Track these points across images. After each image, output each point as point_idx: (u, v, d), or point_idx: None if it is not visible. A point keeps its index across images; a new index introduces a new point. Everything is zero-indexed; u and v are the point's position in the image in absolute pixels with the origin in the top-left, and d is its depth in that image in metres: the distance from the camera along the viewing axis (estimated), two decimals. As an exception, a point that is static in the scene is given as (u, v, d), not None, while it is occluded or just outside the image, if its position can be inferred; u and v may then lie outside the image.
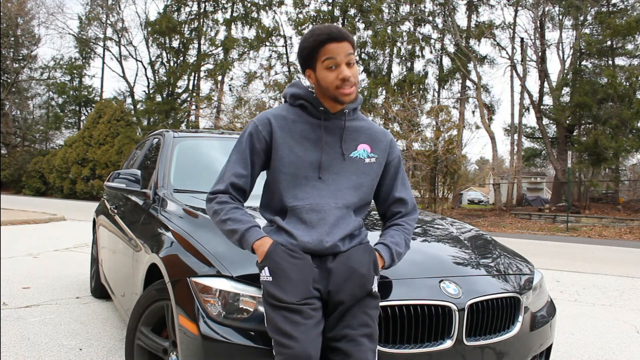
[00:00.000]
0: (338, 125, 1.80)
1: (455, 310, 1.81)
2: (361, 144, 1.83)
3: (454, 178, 19.66)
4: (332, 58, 1.68)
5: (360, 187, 1.81)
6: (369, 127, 1.88)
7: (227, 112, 26.10)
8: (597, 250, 10.78)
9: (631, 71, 21.11)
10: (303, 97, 1.80)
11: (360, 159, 1.81)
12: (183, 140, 3.35)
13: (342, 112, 1.80)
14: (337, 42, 1.68)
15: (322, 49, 1.69)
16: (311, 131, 1.78)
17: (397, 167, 1.93)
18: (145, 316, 2.14)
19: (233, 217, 1.73)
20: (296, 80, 1.93)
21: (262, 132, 1.77)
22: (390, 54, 28.21)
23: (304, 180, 1.75)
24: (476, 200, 44.60)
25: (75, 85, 38.37)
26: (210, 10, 33.25)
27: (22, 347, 3.05)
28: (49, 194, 32.11)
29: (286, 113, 1.81)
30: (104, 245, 3.94)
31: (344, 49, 1.68)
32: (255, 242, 1.67)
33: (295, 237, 1.69)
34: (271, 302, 1.58)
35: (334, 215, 1.73)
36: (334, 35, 1.68)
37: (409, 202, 1.94)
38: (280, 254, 1.63)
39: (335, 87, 1.70)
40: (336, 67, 1.69)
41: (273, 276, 1.60)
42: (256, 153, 1.78)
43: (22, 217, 11.51)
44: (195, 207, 2.48)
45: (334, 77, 1.69)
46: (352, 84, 1.70)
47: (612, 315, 4.58)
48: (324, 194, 1.75)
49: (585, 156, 23.38)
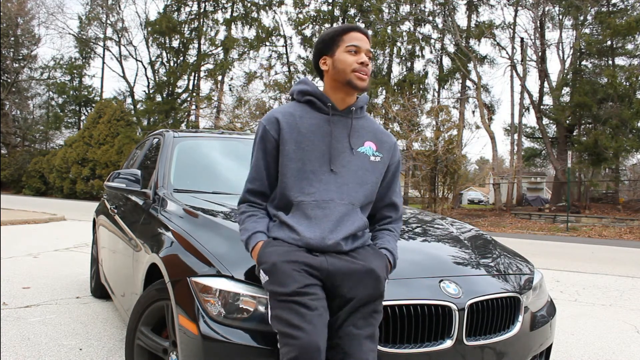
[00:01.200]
0: (345, 122, 1.83)
1: (455, 310, 1.81)
2: (367, 142, 1.86)
3: (454, 178, 19.67)
4: (355, 44, 1.77)
5: (365, 184, 1.82)
6: (375, 128, 1.91)
7: (227, 112, 26.11)
8: (597, 250, 10.78)
9: (631, 71, 21.11)
10: (311, 92, 1.83)
11: (366, 155, 1.84)
12: (183, 140, 3.35)
13: (349, 110, 1.84)
14: (361, 33, 1.80)
15: (347, 35, 1.79)
16: (319, 126, 1.80)
17: (396, 172, 1.95)
18: (145, 316, 2.14)
19: (243, 227, 1.80)
20: (304, 77, 1.95)
21: (270, 131, 1.80)
22: (390, 54, 28.22)
23: (312, 175, 1.76)
24: (476, 200, 44.60)
25: (75, 85, 38.37)
26: (210, 10, 33.25)
27: (22, 347, 3.05)
28: (49, 194, 32.11)
29: (293, 110, 1.84)
30: (104, 245, 3.94)
31: (365, 41, 1.79)
32: (252, 252, 1.73)
33: (298, 232, 1.70)
34: (274, 299, 1.58)
35: (339, 212, 1.74)
36: (360, 28, 1.81)
37: (400, 208, 1.98)
38: (268, 251, 1.66)
39: (353, 69, 1.76)
40: (357, 53, 1.77)
41: (268, 275, 1.61)
42: (269, 153, 1.82)
43: (22, 217, 11.51)
44: (196, 207, 2.48)
45: (353, 60, 1.76)
46: (368, 71, 1.77)
47: (612, 315, 4.58)
48: (330, 188, 1.76)
49: (585, 156, 23.38)
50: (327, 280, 1.63)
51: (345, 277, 1.63)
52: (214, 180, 3.09)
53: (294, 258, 1.62)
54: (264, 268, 1.63)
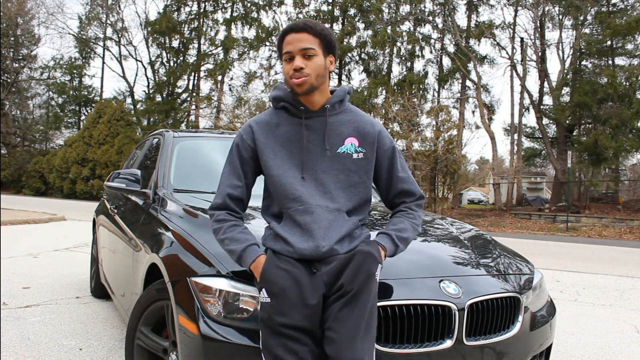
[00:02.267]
0: (321, 122, 1.79)
1: (455, 310, 1.81)
2: (348, 138, 1.80)
3: (454, 178, 19.67)
4: (287, 51, 1.72)
5: (350, 186, 1.78)
6: (356, 120, 1.84)
7: (227, 112, 26.10)
8: (597, 250, 10.78)
9: (631, 71, 21.10)
10: (283, 98, 1.80)
11: (348, 154, 1.79)
12: (183, 140, 3.35)
13: (324, 108, 1.79)
14: (294, 32, 1.71)
15: (283, 41, 1.74)
16: (294, 132, 1.78)
17: (392, 158, 1.87)
18: (145, 316, 2.14)
19: (230, 237, 1.75)
20: (278, 83, 1.93)
21: (246, 140, 1.80)
22: (390, 54, 28.20)
23: (294, 182, 1.74)
24: (476, 200, 44.60)
25: (75, 85, 38.34)
26: (210, 10, 33.24)
27: (22, 347, 3.05)
28: (49, 194, 32.10)
29: (270, 118, 1.82)
30: (104, 245, 3.94)
31: (299, 40, 1.70)
32: (251, 265, 1.69)
33: (291, 244, 1.68)
34: (270, 326, 1.56)
35: (326, 219, 1.71)
36: (294, 27, 1.72)
37: (414, 190, 1.90)
38: (274, 271, 1.62)
39: (290, 77, 1.72)
40: (292, 59, 1.72)
41: (271, 297, 1.58)
42: (245, 162, 1.81)
43: (22, 217, 11.50)
44: (195, 207, 2.48)
45: (289, 68, 1.72)
46: (302, 74, 1.69)
47: (612, 315, 4.58)
48: (314, 193, 1.73)
49: (585, 156, 23.37)
50: (328, 285, 1.63)
51: (340, 272, 1.61)
52: (214, 180, 3.07)
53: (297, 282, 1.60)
54: (269, 288, 1.60)
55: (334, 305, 1.58)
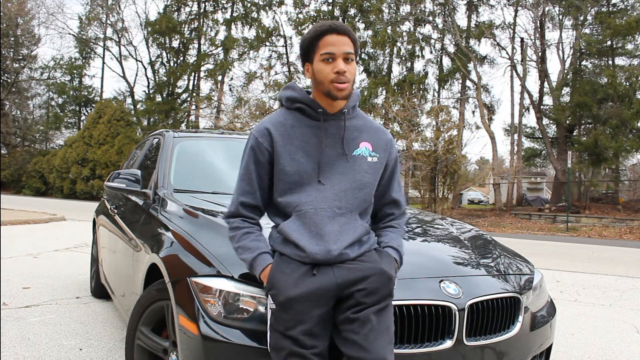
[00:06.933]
0: (338, 126, 1.77)
1: (455, 310, 1.81)
2: (363, 142, 1.80)
3: (454, 178, 19.66)
4: (329, 52, 1.66)
5: (363, 187, 1.77)
6: (369, 126, 1.85)
7: (227, 112, 26.12)
8: (597, 250, 10.78)
9: (631, 71, 21.11)
10: (300, 100, 1.77)
11: (363, 157, 1.78)
12: (183, 140, 3.35)
13: (341, 112, 1.77)
14: (337, 34, 1.67)
15: (321, 40, 1.68)
16: (311, 135, 1.75)
17: (394, 168, 1.90)
18: (145, 316, 2.14)
19: (242, 245, 1.73)
20: (291, 82, 1.91)
21: (263, 144, 1.74)
22: (390, 54, 28.21)
23: (308, 186, 1.72)
24: (476, 200, 44.58)
25: (75, 85, 38.35)
26: (210, 10, 33.25)
27: (22, 347, 3.05)
28: (49, 194, 32.10)
29: (284, 119, 1.78)
30: (104, 245, 3.94)
31: (342, 43, 1.67)
32: (261, 274, 1.68)
33: (303, 248, 1.65)
34: (279, 329, 1.58)
35: (338, 222, 1.69)
36: (335, 27, 1.68)
37: (402, 203, 1.93)
38: (283, 280, 1.61)
39: (330, 80, 1.67)
40: (333, 60, 1.67)
41: (280, 307, 1.59)
42: (261, 166, 1.76)
43: (22, 217, 11.50)
44: (196, 207, 2.48)
45: (329, 70, 1.67)
46: (347, 79, 1.67)
47: (612, 315, 4.58)
48: (327, 196, 1.71)
49: (585, 156, 23.38)
50: (339, 292, 1.62)
51: (357, 283, 1.61)
52: (214, 180, 3.09)
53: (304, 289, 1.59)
54: (278, 300, 1.60)
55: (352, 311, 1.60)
